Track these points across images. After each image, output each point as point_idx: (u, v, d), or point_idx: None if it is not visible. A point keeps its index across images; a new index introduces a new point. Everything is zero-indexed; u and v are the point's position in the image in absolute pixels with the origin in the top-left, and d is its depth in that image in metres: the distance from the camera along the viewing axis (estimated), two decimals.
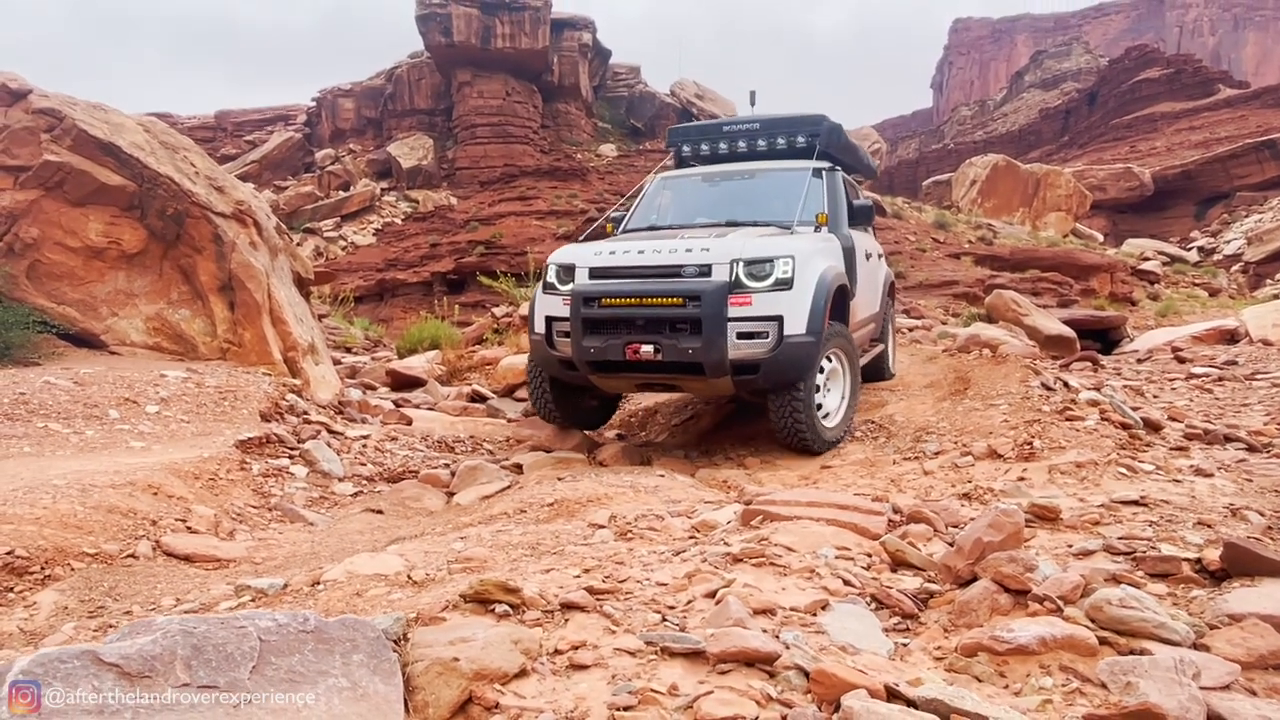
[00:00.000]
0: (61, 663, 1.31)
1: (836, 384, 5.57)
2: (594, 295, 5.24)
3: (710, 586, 2.39)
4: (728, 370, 5.00)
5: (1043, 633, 1.99)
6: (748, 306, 4.97)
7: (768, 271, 5.02)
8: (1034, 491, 3.58)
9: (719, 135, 7.14)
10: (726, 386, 5.23)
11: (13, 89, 8.61)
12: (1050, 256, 27.87)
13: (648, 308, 5.10)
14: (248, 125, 47.99)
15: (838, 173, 6.51)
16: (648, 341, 5.04)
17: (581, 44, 43.71)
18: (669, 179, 7.12)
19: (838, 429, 5.48)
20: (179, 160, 8.71)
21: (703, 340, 4.93)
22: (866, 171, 8.44)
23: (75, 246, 8.21)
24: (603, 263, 5.38)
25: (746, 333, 4.97)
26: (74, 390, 5.82)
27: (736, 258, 5.03)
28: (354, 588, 2.77)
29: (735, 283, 4.98)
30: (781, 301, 5.00)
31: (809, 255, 5.26)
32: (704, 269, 5.04)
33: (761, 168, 6.71)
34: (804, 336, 5.02)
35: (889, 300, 8.10)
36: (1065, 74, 75.66)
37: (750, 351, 4.98)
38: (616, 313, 5.19)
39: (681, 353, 4.97)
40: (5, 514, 3.53)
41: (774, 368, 4.98)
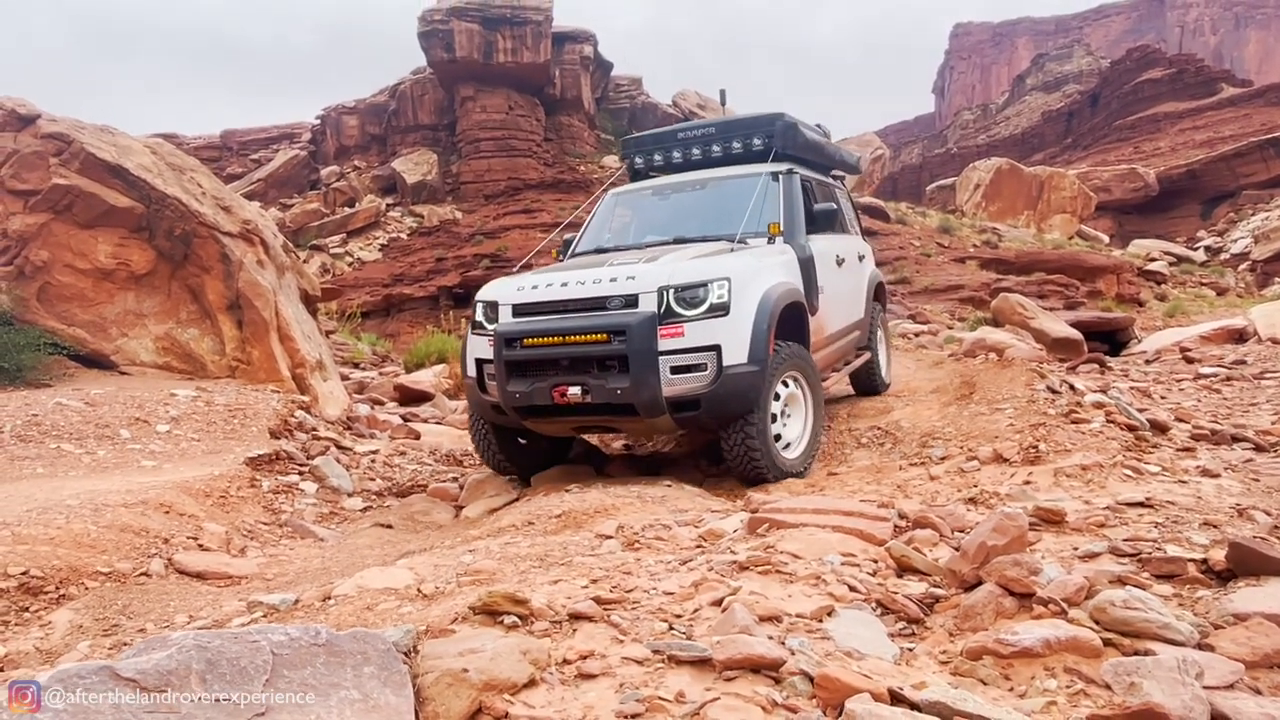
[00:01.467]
0: (80, 678, 1.35)
1: (797, 411, 5.16)
2: (515, 335, 4.85)
3: (717, 595, 2.41)
4: (664, 409, 4.59)
5: (1047, 635, 2.01)
6: (680, 338, 4.55)
7: (701, 297, 4.59)
8: (1039, 495, 3.58)
9: (674, 143, 6.67)
10: (667, 425, 4.84)
11: (21, 114, 8.72)
12: (1056, 259, 27.86)
13: (571, 346, 4.68)
14: (253, 144, 48.32)
15: (795, 176, 5.98)
16: (574, 383, 4.65)
17: (583, 57, 43.93)
18: (620, 195, 6.71)
19: (801, 459, 5.07)
20: (186, 181, 8.80)
21: (631, 379, 4.52)
22: (844, 168, 7.75)
23: (85, 268, 8.30)
24: (525, 298, 4.96)
25: (681, 366, 4.55)
26: (85, 411, 5.88)
27: (665, 285, 4.60)
28: (365, 602, 2.79)
29: (666, 312, 4.56)
30: (718, 329, 4.57)
31: (749, 274, 4.82)
32: (630, 299, 4.62)
33: (713, 176, 6.26)
34: (746, 366, 4.58)
35: (877, 305, 7.64)
36: (1067, 76, 75.71)
37: (688, 387, 4.56)
38: (540, 353, 4.79)
39: (610, 394, 4.57)
40: (20, 534, 3.57)
41: (715, 403, 4.57)
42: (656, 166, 6.73)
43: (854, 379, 7.18)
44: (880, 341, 7.60)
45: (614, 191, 6.79)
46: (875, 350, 7.29)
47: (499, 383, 4.93)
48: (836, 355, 6.36)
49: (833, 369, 6.36)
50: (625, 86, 48.36)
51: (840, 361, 6.58)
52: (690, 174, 6.41)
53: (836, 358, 6.40)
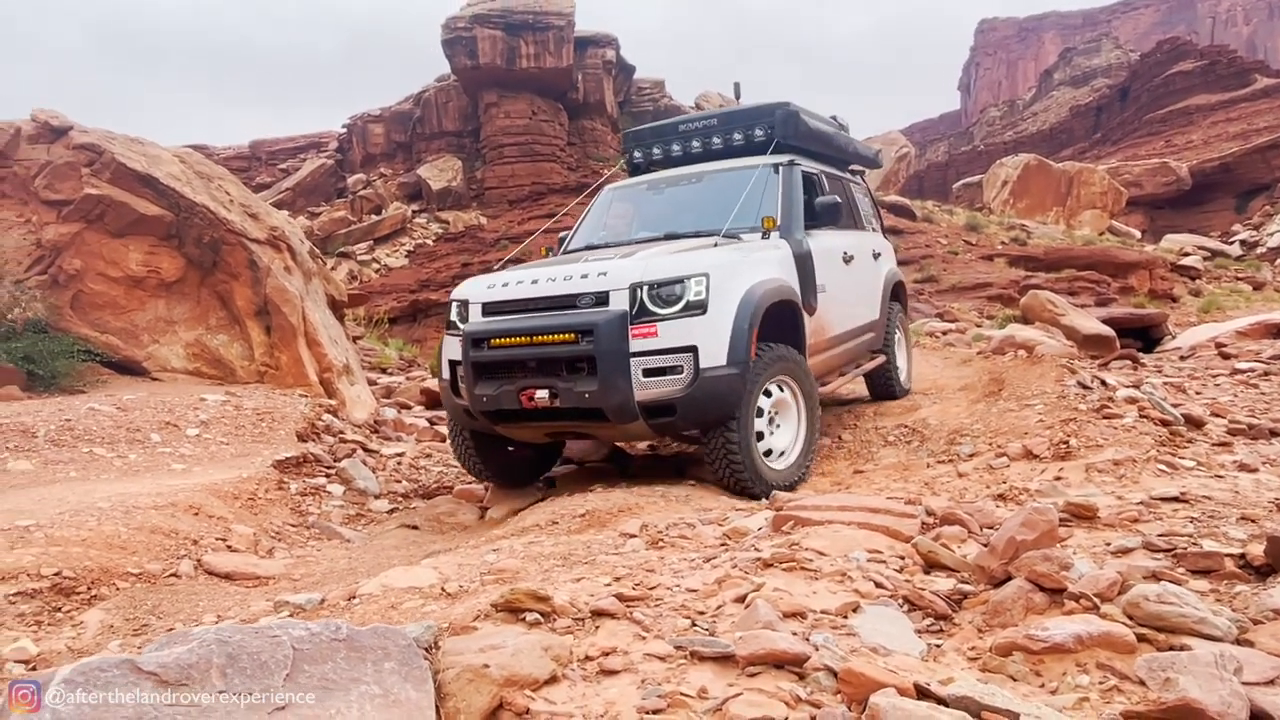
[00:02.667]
0: (101, 671, 1.35)
1: (788, 418, 4.82)
2: (483, 336, 4.63)
3: (740, 591, 2.39)
4: (636, 414, 4.30)
5: (1079, 630, 1.96)
6: (653, 338, 4.25)
7: (677, 294, 4.30)
8: (1071, 491, 3.52)
9: (674, 136, 6.37)
10: (641, 432, 4.54)
11: (54, 126, 8.89)
12: (1086, 255, 27.47)
13: (539, 346, 4.43)
14: (281, 154, 48.95)
15: (796, 168, 5.65)
16: (542, 386, 4.40)
17: (605, 61, 44.02)
18: (616, 190, 6.46)
19: (792, 471, 4.72)
20: (214, 189, 8.92)
21: (599, 381, 4.24)
22: (859, 161, 7.31)
23: (116, 276, 8.44)
24: (495, 296, 4.74)
25: (655, 368, 4.25)
26: (117, 415, 5.97)
27: (638, 281, 4.32)
28: (389, 601, 2.80)
29: (640, 310, 4.28)
30: (694, 329, 4.27)
31: (730, 271, 4.51)
32: (600, 297, 4.36)
33: (709, 170, 5.94)
34: (725, 368, 4.27)
35: (895, 306, 7.21)
36: (1095, 70, 74.64)
37: (662, 390, 4.26)
38: (507, 354, 4.54)
39: (579, 397, 4.30)
40: (53, 536, 3.63)
41: (692, 407, 4.26)
42: (656, 160, 6.45)
43: (870, 384, 6.89)
44: (899, 345, 7.22)
45: (610, 187, 6.57)
46: (893, 354, 6.91)
47: (467, 385, 4.72)
48: (844, 358, 6.02)
49: (838, 372, 6.02)
50: (648, 89, 48.39)
51: (849, 365, 6.23)
52: (687, 168, 6.15)
53: (844, 360, 6.05)
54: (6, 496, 4.39)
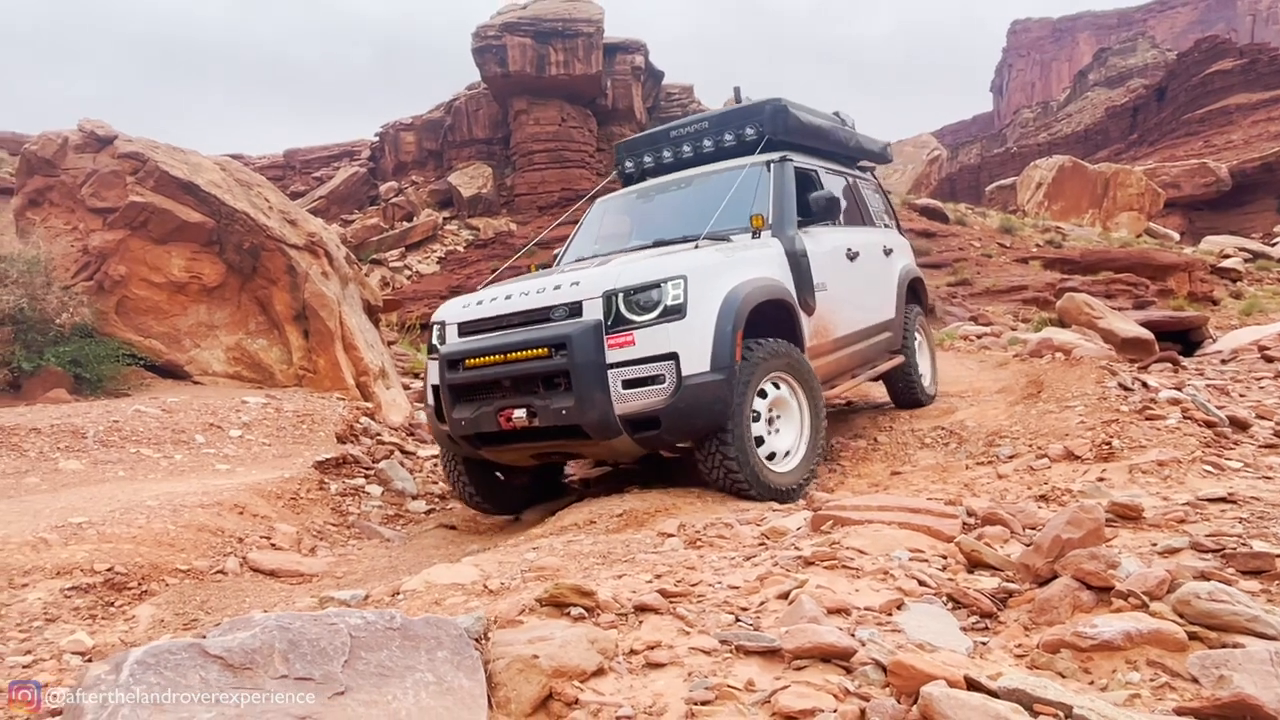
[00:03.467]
0: (171, 654, 1.40)
1: (788, 417, 4.56)
2: (458, 356, 4.48)
3: (783, 588, 2.39)
4: (618, 429, 4.07)
5: (1128, 628, 1.94)
6: (630, 347, 4.02)
7: (655, 300, 4.07)
8: (1114, 491, 3.48)
9: (665, 143, 6.17)
10: (628, 448, 4.29)
11: (100, 135, 9.11)
12: (1123, 257, 27.03)
13: (513, 364, 4.24)
14: (315, 162, 49.66)
15: (787, 164, 5.40)
16: (519, 405, 4.20)
17: (634, 67, 44.17)
18: (607, 201, 6.31)
19: (796, 473, 4.47)
20: (253, 196, 9.09)
21: (575, 397, 4.04)
22: (863, 154, 6.89)
23: (159, 282, 8.62)
24: (470, 315, 4.60)
25: (635, 379, 4.02)
26: (162, 418, 6.10)
27: (612, 289, 4.11)
28: (432, 597, 2.84)
29: (616, 319, 4.07)
30: (673, 334, 4.03)
31: (710, 271, 4.29)
32: (574, 308, 4.17)
33: (698, 173, 5.75)
34: (709, 374, 4.03)
35: (913, 306, 6.87)
36: (1131, 70, 73.57)
37: (644, 402, 4.02)
38: (482, 374, 4.37)
39: (556, 414, 4.10)
40: (105, 533, 3.72)
41: (677, 419, 4.02)
42: (648, 169, 6.24)
43: (891, 391, 6.64)
44: (921, 347, 6.86)
45: (601, 199, 6.44)
46: (912, 356, 6.55)
47: (445, 409, 4.58)
48: (854, 359, 5.73)
49: (850, 374, 5.73)
50: (676, 95, 48.46)
51: (863, 366, 5.92)
52: (677, 174, 5.96)
53: (855, 362, 5.76)
54: (59, 495, 4.51)
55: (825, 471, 5.33)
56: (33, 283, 8.24)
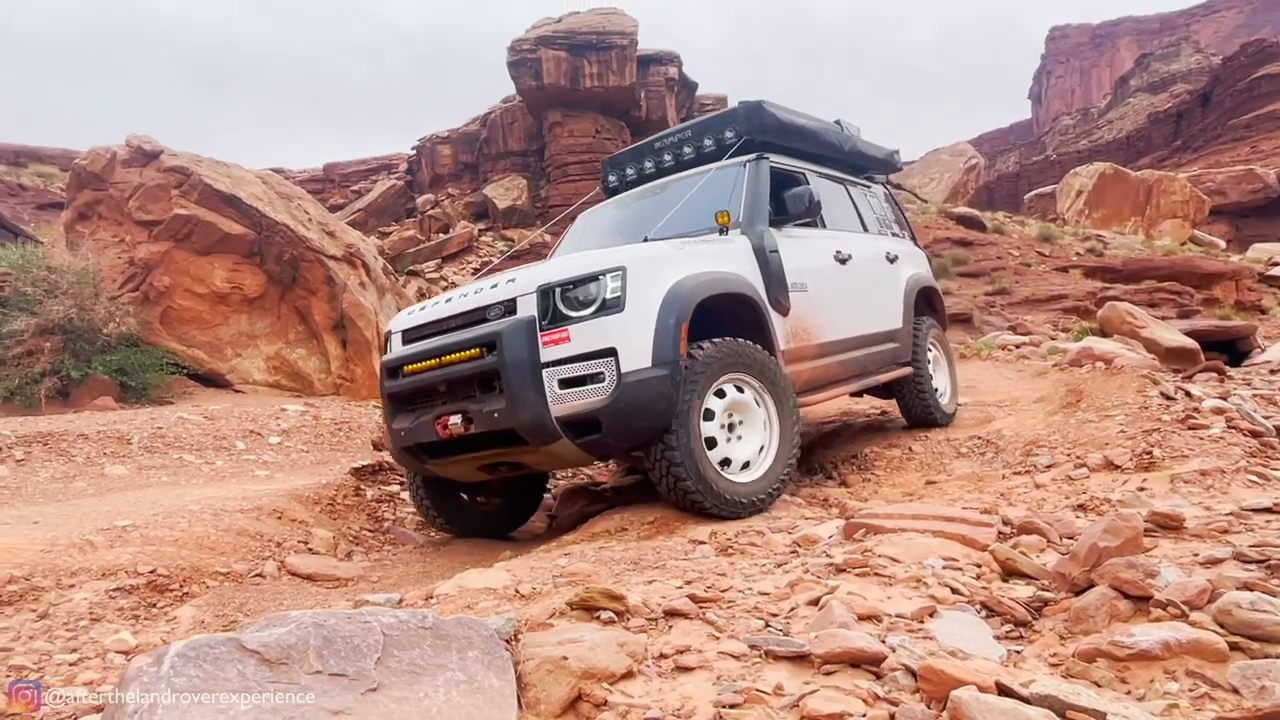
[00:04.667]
0: (210, 647, 1.44)
1: (751, 423, 4.22)
2: (397, 363, 4.34)
3: (813, 594, 2.38)
4: (555, 432, 3.80)
5: (1166, 637, 1.91)
6: (565, 344, 3.78)
7: (593, 294, 3.83)
8: (1155, 501, 3.41)
9: (648, 153, 6.04)
10: (572, 454, 3.97)
11: (146, 150, 9.36)
12: (1167, 265, 26.48)
13: (447, 367, 4.07)
14: (354, 176, 50.44)
15: (764, 162, 5.19)
16: (455, 411, 4.00)
17: (668, 78, 44.31)
18: (589, 215, 6.16)
19: (760, 485, 4.10)
20: (293, 208, 9.27)
21: (507, 398, 3.79)
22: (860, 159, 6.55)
23: (202, 293, 8.82)
24: (413, 322, 4.47)
25: (572, 378, 3.77)
26: (204, 425, 6.23)
27: (547, 283, 3.89)
28: (465, 601, 2.87)
29: (553, 315, 3.84)
30: (611, 329, 3.76)
31: (653, 264, 4.00)
32: (509, 306, 3.97)
33: (673, 179, 5.61)
34: (650, 370, 3.74)
35: (926, 318, 6.53)
36: (1174, 76, 72.23)
37: (583, 403, 3.75)
38: (419, 380, 4.21)
39: (489, 419, 3.85)
40: (148, 536, 3.81)
41: (617, 419, 3.71)
42: (630, 180, 6.11)
43: (902, 406, 6.30)
44: (937, 362, 6.54)
45: (584, 213, 6.32)
46: (923, 369, 6.21)
47: (385, 419, 4.41)
48: (846, 367, 5.40)
49: (841, 382, 5.40)
50: (710, 106, 48.49)
51: (858, 375, 5.58)
52: (656, 181, 5.84)
53: (846, 370, 5.42)
54: (105, 499, 4.63)
55: (859, 481, 5.29)
56: (81, 294, 8.48)
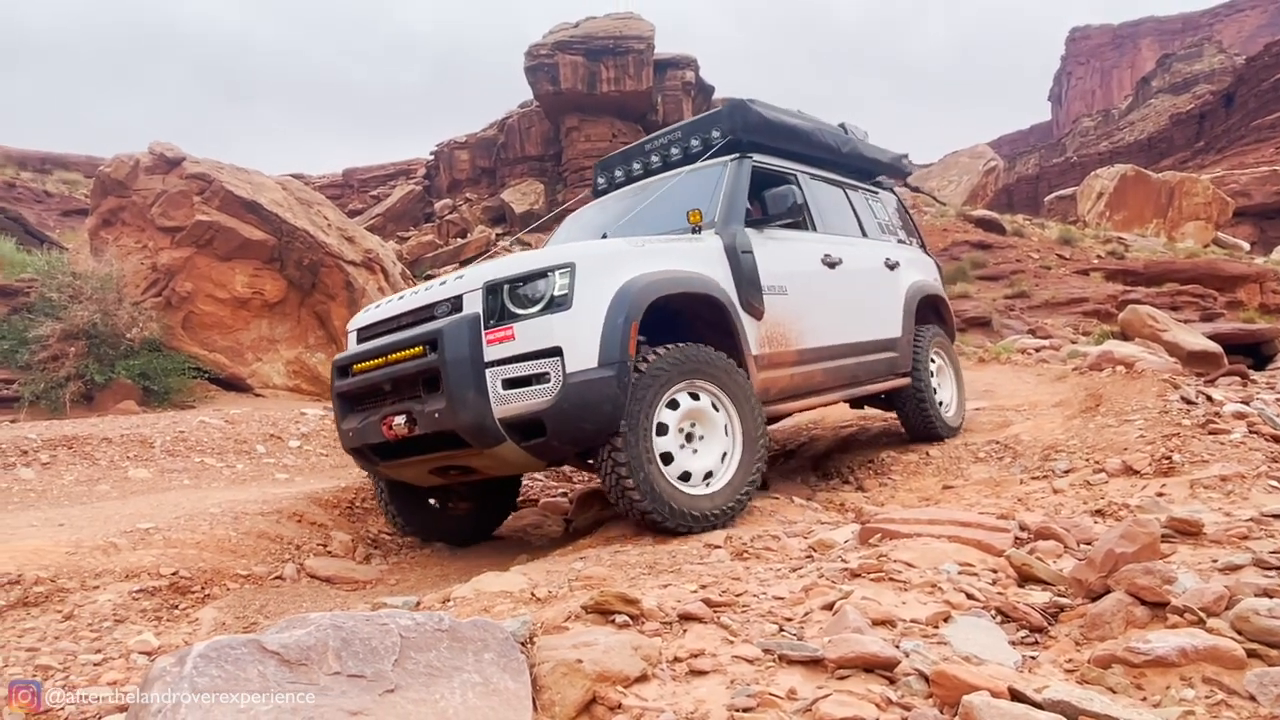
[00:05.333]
0: (231, 648, 1.46)
1: (712, 433, 4.03)
2: (347, 362, 4.26)
3: (828, 599, 2.39)
4: (499, 435, 3.64)
5: (1183, 644, 1.90)
6: (510, 343, 3.63)
7: (541, 291, 3.69)
8: (1174, 506, 3.39)
9: (637, 155, 5.91)
10: (519, 458, 3.81)
11: (169, 157, 9.49)
12: (1190, 268, 26.21)
13: (392, 365, 3.97)
14: (372, 181, 50.84)
15: (746, 161, 5.03)
16: (400, 411, 3.88)
17: (685, 82, 44.38)
18: (574, 217, 6.06)
19: (720, 498, 3.91)
20: (313, 214, 9.36)
21: (447, 397, 3.65)
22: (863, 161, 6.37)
23: (224, 298, 8.93)
24: (368, 320, 4.40)
25: (516, 378, 3.61)
26: (225, 428, 6.30)
27: (494, 280, 3.76)
28: (481, 604, 2.89)
29: (500, 313, 3.71)
30: (557, 327, 3.61)
31: (605, 261, 3.86)
32: (455, 303, 3.85)
33: (657, 179, 5.48)
34: (596, 370, 3.57)
35: (930, 327, 6.33)
36: (1197, 76, 71.50)
37: (526, 404, 3.59)
38: (366, 379, 4.12)
39: (430, 419, 3.73)
40: (170, 538, 3.87)
41: (561, 422, 3.56)
42: (618, 183, 5.97)
43: (902, 418, 6.10)
44: (941, 373, 6.32)
45: (570, 215, 6.22)
46: (923, 380, 5.97)
47: (336, 420, 4.35)
48: (832, 375, 5.18)
49: (826, 390, 5.19)
50: None
51: (848, 384, 5.38)
52: (639, 183, 5.70)
53: (832, 379, 5.19)
54: (129, 501, 4.70)
55: (875, 485, 5.28)
56: (105, 299, 8.60)
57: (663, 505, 3.70)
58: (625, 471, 3.64)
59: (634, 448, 3.66)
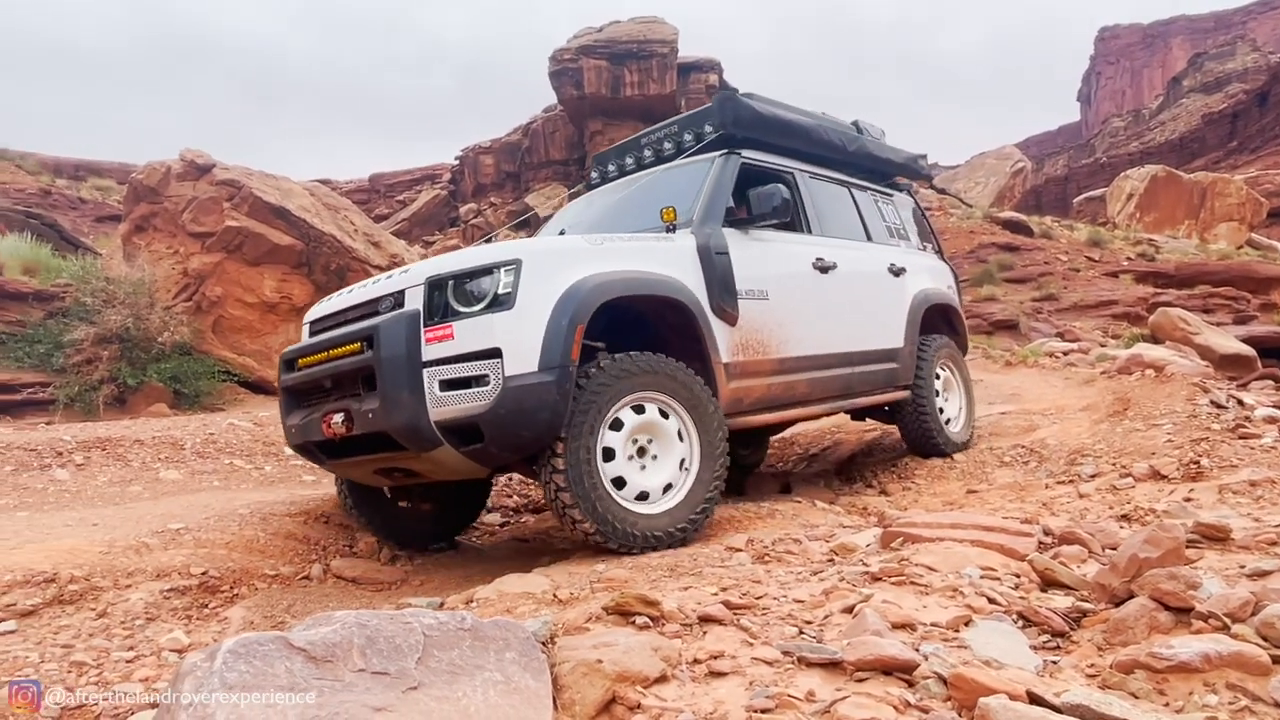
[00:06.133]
0: (260, 645, 1.50)
1: (667, 448, 3.81)
2: (293, 356, 4.12)
3: (847, 602, 2.39)
4: (435, 438, 3.44)
5: (1207, 649, 1.88)
6: (448, 342, 3.44)
7: (485, 289, 3.50)
8: (1202, 512, 3.35)
9: (632, 149, 5.66)
10: (457, 463, 3.60)
11: (199, 164, 9.65)
12: (1222, 270, 25.79)
13: (332, 361, 3.81)
14: (398, 186, 51.38)
15: (732, 158, 4.79)
16: (339, 409, 3.71)
17: (709, 85, 44.39)
18: (563, 213, 5.85)
19: (672, 516, 3.71)
20: (340, 219, 9.48)
21: (380, 397, 3.47)
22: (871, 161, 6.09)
23: (252, 302, 9.06)
24: (319, 313, 4.26)
25: (453, 380, 3.41)
26: (254, 431, 6.40)
27: (436, 275, 3.57)
28: (504, 605, 2.93)
29: (443, 310, 3.52)
30: (497, 327, 3.41)
31: (556, 258, 3.67)
32: (398, 298, 3.65)
33: (644, 174, 5.31)
34: (536, 375, 3.38)
35: (938, 336, 6.05)
36: (1230, 75, 70.35)
37: (463, 407, 3.39)
38: (309, 374, 3.97)
39: (365, 419, 3.56)
40: (200, 539, 3.94)
41: (499, 428, 3.37)
42: (610, 177, 5.74)
43: (902, 431, 5.89)
44: (947, 385, 6.07)
45: (559, 210, 6.02)
46: (926, 393, 5.70)
47: (281, 415, 4.24)
48: (819, 386, 4.93)
49: (812, 402, 4.96)
50: None
51: (838, 396, 5.13)
52: (625, 178, 5.51)
53: (818, 390, 4.94)
54: (160, 502, 4.79)
55: (899, 489, 5.25)
56: (138, 303, 8.76)
57: (606, 523, 3.52)
58: (564, 484, 3.46)
59: (575, 460, 3.47)
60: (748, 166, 4.86)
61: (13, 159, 29.61)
